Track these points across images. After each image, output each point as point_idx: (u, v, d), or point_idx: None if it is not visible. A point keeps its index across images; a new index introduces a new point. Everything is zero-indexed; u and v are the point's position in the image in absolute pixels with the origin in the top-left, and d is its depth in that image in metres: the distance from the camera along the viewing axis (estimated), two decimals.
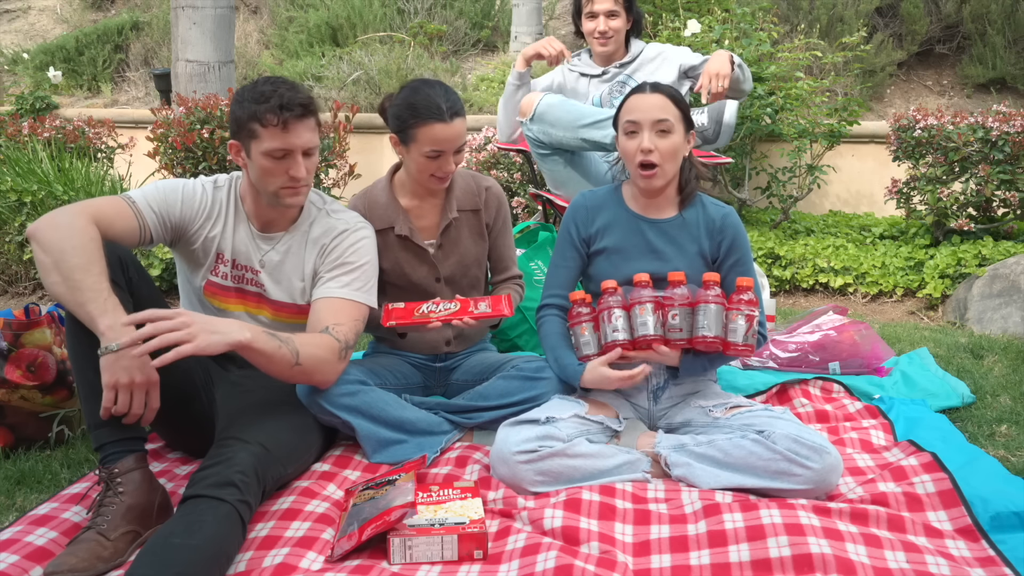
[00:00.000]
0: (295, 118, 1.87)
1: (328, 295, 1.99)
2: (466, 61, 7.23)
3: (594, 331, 2.07)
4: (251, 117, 1.88)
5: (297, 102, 1.88)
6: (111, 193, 4.05)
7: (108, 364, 1.64)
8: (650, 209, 2.15)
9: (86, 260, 1.70)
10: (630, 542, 1.68)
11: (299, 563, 1.58)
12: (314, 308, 1.99)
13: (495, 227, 2.37)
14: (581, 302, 2.09)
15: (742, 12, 4.89)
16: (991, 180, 3.95)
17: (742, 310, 1.95)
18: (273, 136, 1.87)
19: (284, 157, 1.90)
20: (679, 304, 1.98)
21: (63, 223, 1.74)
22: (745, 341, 1.97)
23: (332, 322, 1.94)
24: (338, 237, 2.06)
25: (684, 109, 2.08)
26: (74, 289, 1.68)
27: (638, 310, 2.01)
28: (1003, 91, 5.96)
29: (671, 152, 2.05)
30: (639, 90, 2.10)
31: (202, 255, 2.06)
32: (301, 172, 1.92)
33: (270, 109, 1.85)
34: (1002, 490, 1.77)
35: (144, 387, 1.67)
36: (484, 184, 2.35)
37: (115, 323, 1.65)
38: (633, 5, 3.06)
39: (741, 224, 2.13)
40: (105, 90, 7.59)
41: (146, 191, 1.98)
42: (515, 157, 4.71)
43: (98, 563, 1.57)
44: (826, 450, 1.82)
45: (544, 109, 2.83)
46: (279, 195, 1.96)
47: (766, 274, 3.90)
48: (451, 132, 2.11)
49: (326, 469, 1.99)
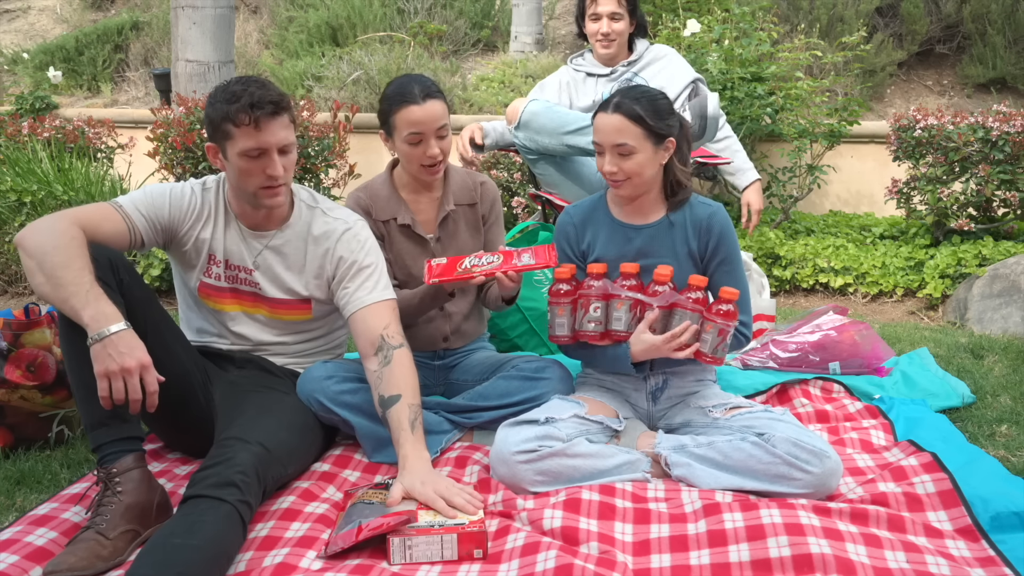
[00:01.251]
0: (267, 116, 1.87)
1: (364, 304, 2.00)
2: (466, 61, 7.23)
3: (571, 314, 2.06)
4: (223, 118, 1.87)
5: (268, 99, 1.87)
6: (111, 193, 4.06)
7: (96, 354, 1.63)
8: (635, 215, 2.13)
9: (66, 257, 1.70)
10: (630, 541, 1.68)
11: (299, 563, 1.58)
12: (358, 320, 1.99)
13: (489, 219, 2.40)
14: (567, 280, 2.06)
15: (742, 12, 4.89)
16: (991, 180, 3.95)
17: (716, 322, 1.94)
18: (247, 135, 1.87)
19: (260, 156, 1.89)
20: (657, 306, 1.98)
21: (44, 227, 1.75)
22: (713, 353, 1.96)
23: (382, 327, 1.96)
24: (343, 238, 2.05)
25: (648, 125, 1.98)
26: (57, 286, 1.68)
27: (616, 303, 2.01)
28: (1003, 91, 5.96)
29: (636, 170, 2.01)
30: (604, 106, 2.04)
31: (194, 257, 2.06)
32: (278, 170, 1.91)
33: (241, 108, 1.85)
34: (1002, 490, 1.77)
35: (136, 371, 1.64)
36: (479, 180, 2.39)
37: (98, 313, 1.64)
38: (637, 8, 3.08)
39: (729, 223, 2.11)
40: (105, 90, 7.59)
41: (133, 196, 1.99)
42: (515, 157, 4.70)
43: (97, 562, 1.57)
44: (826, 454, 1.82)
45: (529, 117, 2.87)
46: (258, 196, 1.95)
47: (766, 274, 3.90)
48: (425, 113, 2.13)
49: (326, 469, 1.99)
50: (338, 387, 2.02)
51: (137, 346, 1.66)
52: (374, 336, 1.95)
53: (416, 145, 2.17)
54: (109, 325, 1.64)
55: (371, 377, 1.95)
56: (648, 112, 2.00)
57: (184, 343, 2.00)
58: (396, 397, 1.88)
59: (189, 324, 2.17)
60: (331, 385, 2.02)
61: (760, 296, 3.12)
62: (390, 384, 1.89)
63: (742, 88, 4.51)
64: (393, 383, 1.89)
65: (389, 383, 1.89)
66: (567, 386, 2.20)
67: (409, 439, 1.83)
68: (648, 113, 2.00)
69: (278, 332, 2.12)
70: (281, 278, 2.07)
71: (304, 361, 2.16)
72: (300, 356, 2.17)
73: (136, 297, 1.83)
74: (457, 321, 2.36)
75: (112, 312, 1.67)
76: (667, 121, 2.02)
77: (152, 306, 1.89)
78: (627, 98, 2.01)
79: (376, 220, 2.28)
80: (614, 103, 2.02)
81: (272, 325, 2.11)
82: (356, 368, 2.11)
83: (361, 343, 1.98)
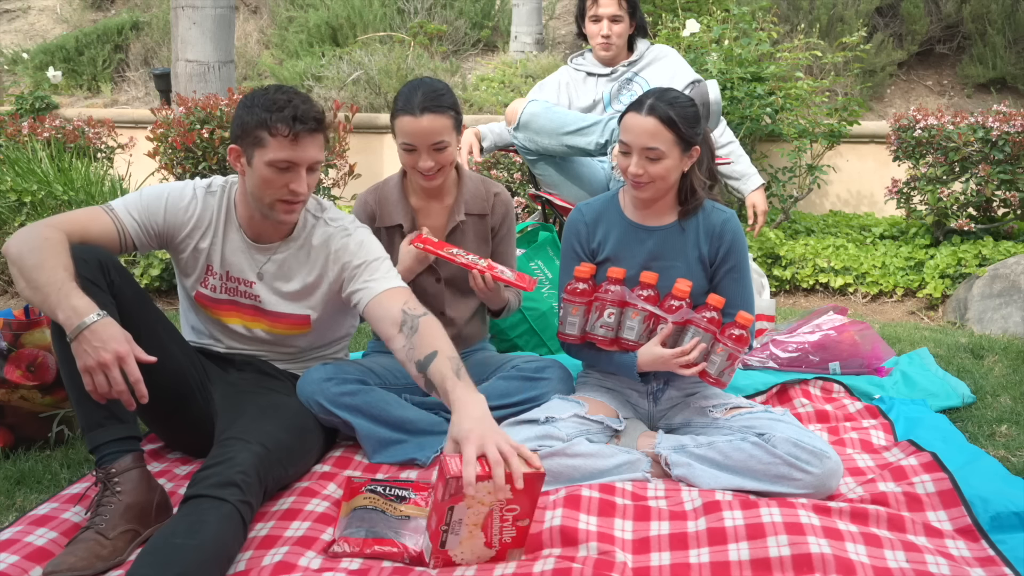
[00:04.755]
0: (307, 132, 1.84)
1: (379, 290, 1.90)
2: (466, 61, 7.23)
3: (584, 315, 2.05)
4: (260, 124, 1.83)
5: (312, 115, 1.84)
6: (111, 193, 4.05)
7: (75, 350, 1.60)
8: (649, 217, 2.12)
9: (40, 259, 1.68)
10: (629, 539, 1.68)
11: (298, 561, 1.58)
12: (374, 306, 1.89)
13: (499, 232, 2.36)
14: (584, 278, 2.05)
15: (741, 12, 4.89)
16: (991, 180, 3.95)
17: (728, 346, 1.94)
18: (281, 147, 1.83)
19: (287, 169, 1.85)
20: (672, 323, 1.98)
21: (24, 234, 1.73)
22: (719, 376, 1.96)
23: (401, 303, 1.86)
24: (343, 244, 2.00)
25: (680, 132, 1.97)
26: (35, 289, 1.66)
27: (631, 312, 2.01)
28: (1003, 91, 5.96)
29: (662, 174, 2.00)
30: (637, 107, 2.01)
31: (191, 265, 2.02)
32: (303, 188, 1.87)
33: (283, 119, 1.81)
34: (1002, 490, 1.77)
35: (114, 363, 1.58)
36: (493, 190, 2.35)
37: (70, 309, 1.60)
38: (637, 10, 3.08)
39: (741, 230, 2.10)
40: (105, 90, 7.59)
41: (127, 199, 1.95)
42: (515, 157, 4.70)
43: (97, 562, 1.56)
44: (826, 454, 1.82)
45: (528, 118, 2.87)
46: (274, 208, 1.90)
47: (766, 274, 3.90)
48: (418, 127, 2.10)
49: (326, 469, 1.99)
50: (338, 389, 2.02)
51: (111, 336, 1.59)
52: (395, 314, 1.84)
53: (409, 153, 2.16)
54: (82, 319, 1.59)
55: (401, 355, 1.81)
56: (681, 118, 1.97)
57: (181, 343, 1.99)
58: (432, 355, 1.74)
59: (189, 324, 2.16)
60: (331, 387, 2.02)
61: (760, 296, 3.12)
62: (422, 347, 1.77)
63: (742, 88, 4.51)
64: (425, 344, 1.77)
65: (420, 347, 1.77)
66: (567, 386, 2.19)
67: (458, 385, 1.67)
68: (681, 120, 1.97)
69: (278, 343, 2.11)
70: (283, 291, 2.04)
71: (305, 365, 2.15)
72: (301, 361, 2.16)
73: (128, 298, 1.80)
74: (459, 326, 2.35)
75: (84, 305, 1.62)
76: (696, 129, 2.01)
77: (145, 306, 1.87)
78: (661, 101, 1.98)
79: (380, 227, 2.26)
80: (648, 105, 1.99)
81: (272, 339, 2.09)
82: (356, 370, 2.11)
83: (383, 327, 1.86)
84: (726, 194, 4.76)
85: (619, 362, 2.07)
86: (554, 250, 3.00)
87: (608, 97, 3.10)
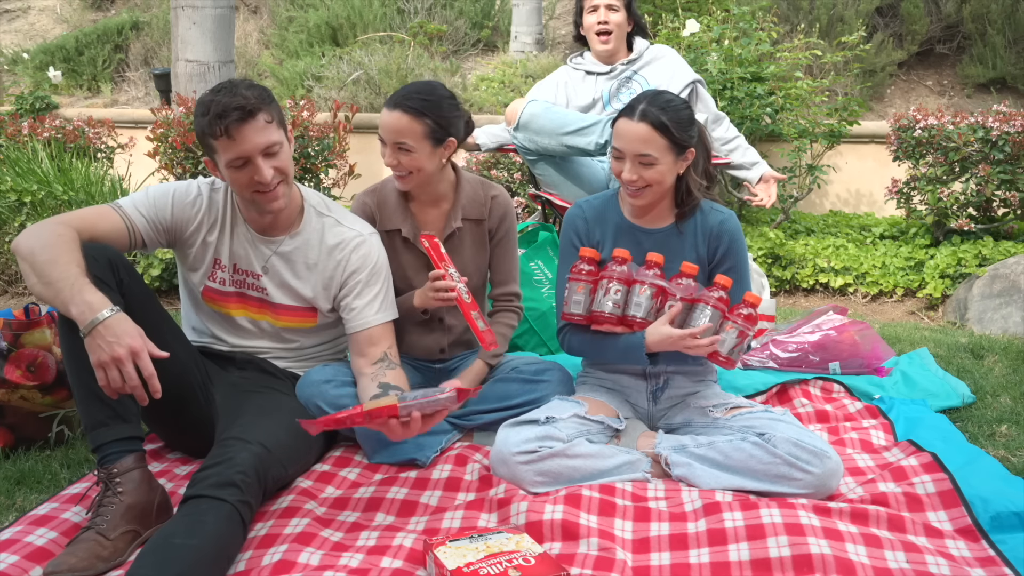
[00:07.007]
0: (236, 123, 1.80)
1: (371, 324, 2.02)
2: (466, 61, 7.23)
3: (589, 294, 2.02)
4: (202, 133, 1.85)
5: (233, 106, 1.78)
6: (111, 193, 4.06)
7: (89, 345, 1.60)
8: (646, 219, 2.11)
9: (52, 255, 1.68)
10: (629, 539, 1.68)
11: (297, 558, 1.58)
12: (362, 339, 2.01)
13: (496, 235, 2.32)
14: (590, 260, 2.04)
15: (741, 12, 4.90)
16: (991, 180, 3.95)
17: (738, 324, 1.92)
18: (225, 147, 1.83)
19: (244, 165, 1.85)
20: (680, 298, 1.95)
21: (35, 230, 1.74)
22: (729, 355, 1.93)
23: (386, 347, 2.00)
24: (357, 250, 2.03)
25: (673, 136, 1.95)
26: (47, 284, 1.66)
27: (638, 289, 1.97)
28: (1003, 91, 5.96)
29: (656, 179, 1.99)
30: (628, 112, 1.99)
31: (199, 260, 2.04)
32: (265, 176, 1.85)
33: (212, 121, 1.80)
34: (1002, 490, 1.77)
35: (127, 358, 1.58)
36: (491, 193, 2.31)
37: (84, 304, 1.61)
38: (632, 6, 3.08)
39: (739, 230, 2.09)
40: (105, 90, 7.59)
41: (135, 196, 1.97)
42: (515, 157, 4.70)
43: (97, 562, 1.57)
44: (827, 454, 1.82)
45: (528, 119, 2.87)
46: (256, 201, 1.92)
47: (766, 274, 3.90)
48: (385, 119, 2.10)
49: (326, 469, 2.00)
50: (337, 391, 2.01)
51: (125, 331, 1.59)
52: (376, 354, 1.98)
53: (383, 146, 2.15)
54: (96, 314, 1.60)
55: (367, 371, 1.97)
56: (674, 123, 1.95)
57: (184, 343, 1.99)
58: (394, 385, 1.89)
59: (190, 324, 2.16)
60: (330, 389, 2.01)
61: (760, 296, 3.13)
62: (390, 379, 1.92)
63: (742, 88, 4.51)
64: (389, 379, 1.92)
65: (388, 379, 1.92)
66: (567, 388, 2.19)
67: None
68: (674, 124, 1.95)
69: (281, 338, 2.11)
70: (289, 285, 2.05)
71: (306, 364, 2.16)
72: (302, 360, 2.16)
73: (136, 297, 1.81)
74: (457, 333, 2.34)
75: (98, 300, 1.62)
76: (689, 132, 1.99)
77: (151, 306, 1.88)
78: (653, 106, 1.96)
79: (379, 231, 2.26)
80: (640, 111, 1.96)
81: (276, 332, 2.10)
82: None
83: (359, 361, 2.00)
84: (725, 194, 4.76)
85: (626, 344, 2.01)
86: (554, 250, 3.00)
87: (607, 95, 3.10)
